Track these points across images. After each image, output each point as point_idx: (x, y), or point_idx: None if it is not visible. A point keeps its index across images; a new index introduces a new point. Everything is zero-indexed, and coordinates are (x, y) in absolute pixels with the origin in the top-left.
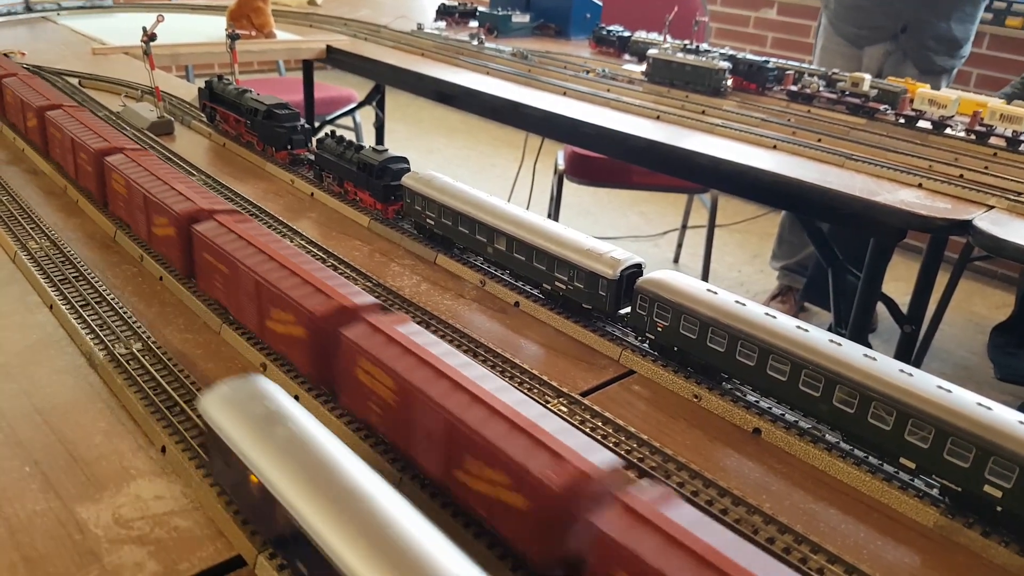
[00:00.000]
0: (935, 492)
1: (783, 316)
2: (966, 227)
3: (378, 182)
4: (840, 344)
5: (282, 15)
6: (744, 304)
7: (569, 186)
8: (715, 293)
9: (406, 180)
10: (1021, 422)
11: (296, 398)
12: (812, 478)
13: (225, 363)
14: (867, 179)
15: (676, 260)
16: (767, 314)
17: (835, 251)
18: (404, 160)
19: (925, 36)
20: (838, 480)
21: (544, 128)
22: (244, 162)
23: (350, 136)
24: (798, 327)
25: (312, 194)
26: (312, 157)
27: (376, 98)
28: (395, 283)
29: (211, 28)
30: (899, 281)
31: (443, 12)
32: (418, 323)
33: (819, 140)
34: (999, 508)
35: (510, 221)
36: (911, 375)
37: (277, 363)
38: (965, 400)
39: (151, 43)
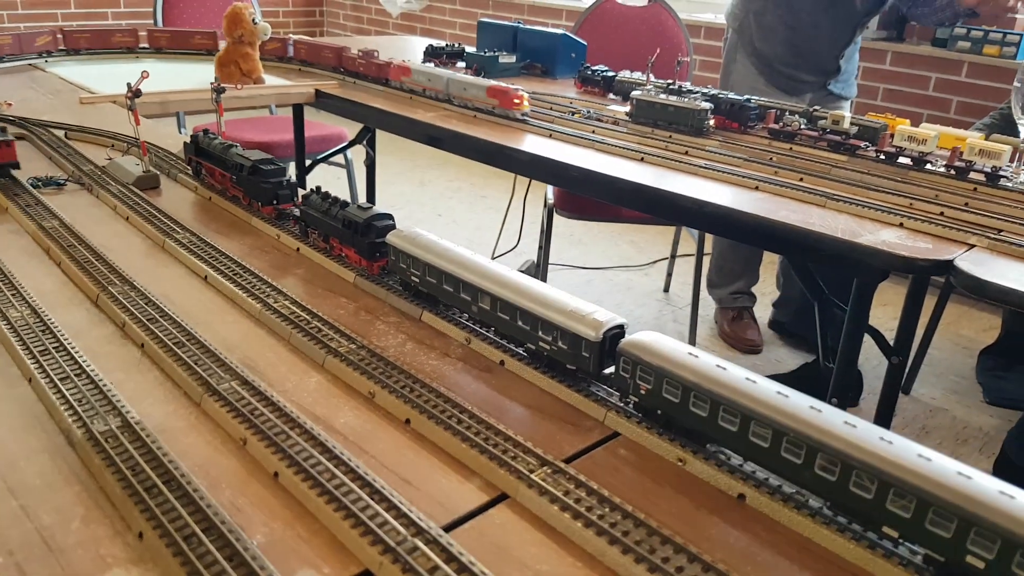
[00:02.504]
0: (919, 559)
1: (763, 380)
2: (947, 267)
3: (363, 239)
4: (820, 411)
5: (270, 63)
6: (725, 368)
7: (560, 217)
8: (696, 356)
9: (391, 238)
10: (1002, 492)
11: None
12: (797, 546)
13: (206, 437)
14: (849, 219)
15: (666, 289)
16: (748, 379)
17: (821, 285)
18: (389, 217)
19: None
20: (823, 548)
21: (531, 170)
22: (230, 217)
23: (341, 173)
24: (778, 392)
25: (298, 249)
26: (297, 212)
27: (367, 136)
28: (380, 343)
29: (201, 74)
30: (887, 306)
31: (431, 54)
32: (402, 388)
33: (801, 179)
34: None
35: (494, 280)
36: (891, 443)
37: (257, 436)
38: (946, 469)
39: (135, 99)
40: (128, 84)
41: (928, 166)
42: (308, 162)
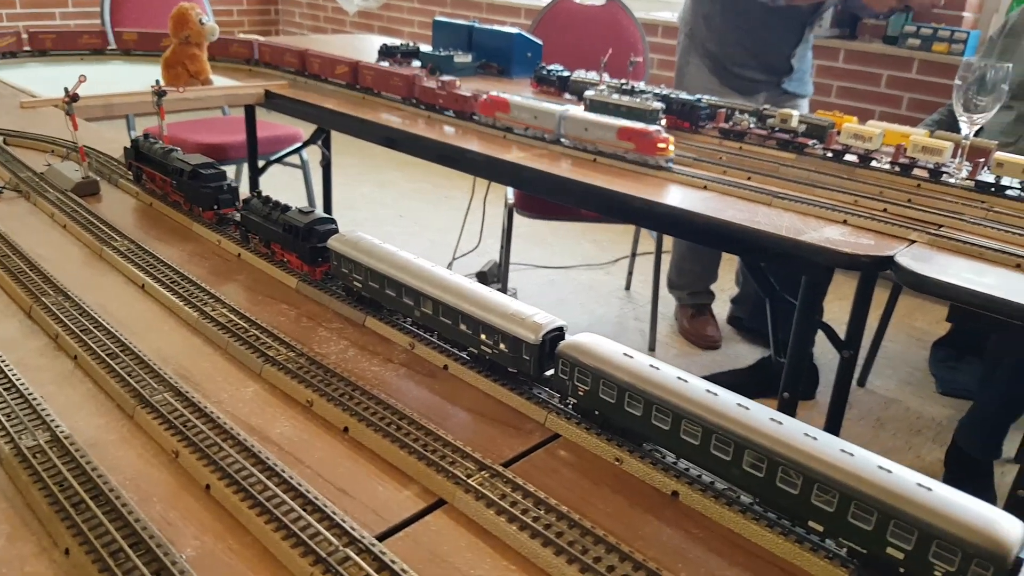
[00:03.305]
0: (844, 552)
1: (695, 379)
2: (889, 263)
3: (304, 244)
4: (748, 408)
5: (220, 63)
6: (658, 368)
7: (524, 217)
8: (631, 357)
9: (332, 242)
10: (919, 484)
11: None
12: (728, 542)
13: (137, 450)
14: (794, 217)
15: (628, 287)
16: (679, 378)
17: (773, 282)
18: (331, 221)
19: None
20: (752, 543)
21: (488, 172)
22: (171, 223)
23: (298, 174)
24: (708, 391)
25: (239, 255)
26: (239, 217)
27: (321, 137)
28: (321, 350)
29: (150, 76)
30: (843, 300)
31: (385, 53)
32: (341, 396)
33: (748, 178)
34: (902, 570)
35: (436, 285)
36: (816, 439)
37: (189, 449)
38: (867, 463)
39: (73, 103)
40: (65, 88)
41: (874, 163)
42: (261, 163)
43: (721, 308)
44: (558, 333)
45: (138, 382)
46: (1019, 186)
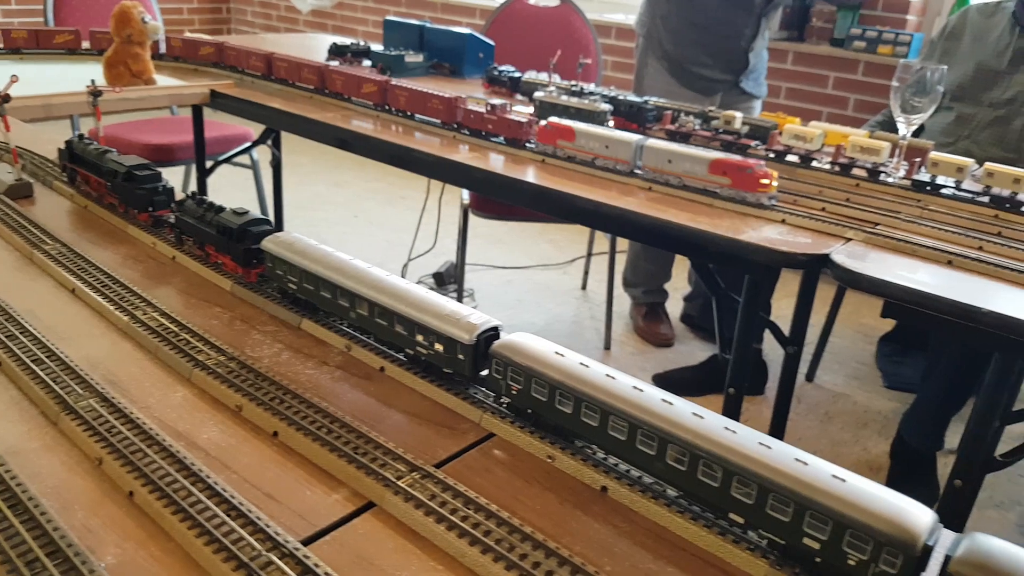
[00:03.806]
0: (765, 544)
1: (622, 376)
2: (825, 261)
3: (238, 245)
4: (672, 403)
5: (163, 62)
6: (588, 366)
7: (482, 218)
8: (562, 356)
9: (266, 244)
10: (834, 476)
11: None
12: (654, 535)
13: (60, 457)
14: (735, 217)
15: (584, 287)
16: (608, 375)
17: (718, 281)
18: (266, 222)
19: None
20: (678, 536)
21: (438, 172)
22: (105, 225)
23: (244, 174)
24: (634, 387)
25: (174, 258)
26: (173, 219)
27: (271, 136)
28: (254, 353)
29: (95, 75)
30: (792, 297)
31: (335, 52)
32: (271, 400)
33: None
34: (818, 560)
35: (371, 286)
36: (735, 432)
37: (113, 456)
38: (784, 456)
39: (4, 104)
40: None
41: (814, 163)
42: (209, 164)
43: (675, 306)
44: (493, 333)
45: (63, 388)
46: (954, 185)
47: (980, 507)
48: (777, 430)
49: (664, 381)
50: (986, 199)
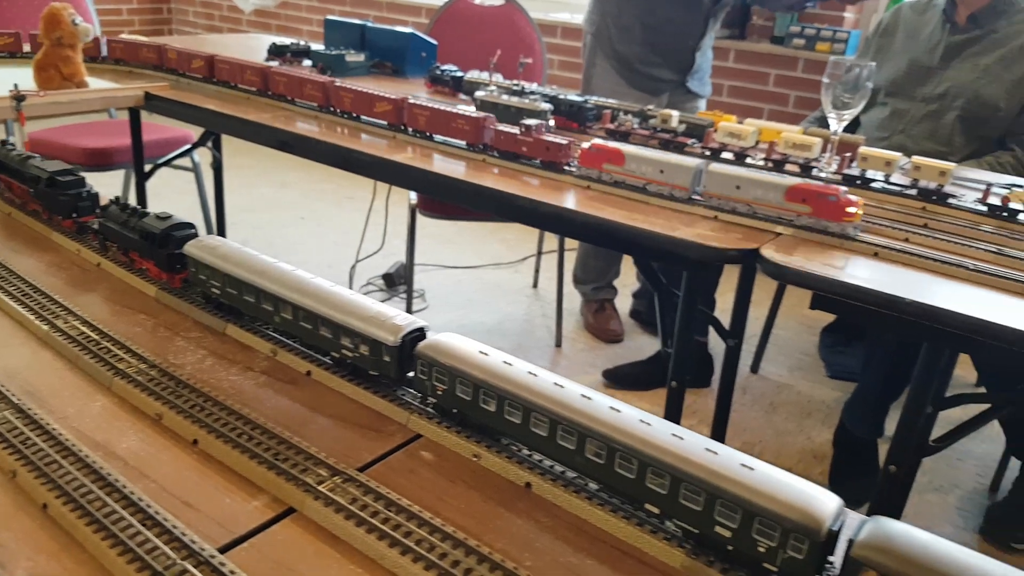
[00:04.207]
0: (681, 534)
1: (544, 373)
2: (754, 256)
3: (161, 251)
4: (590, 398)
5: (105, 65)
6: (511, 364)
7: (432, 219)
8: (486, 355)
9: (189, 248)
10: (743, 464)
11: None
12: (576, 529)
13: None
14: (670, 214)
15: (535, 285)
16: (530, 372)
17: (660, 277)
18: (190, 226)
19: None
20: (598, 528)
21: (378, 172)
22: (29, 232)
23: (187, 177)
24: (555, 384)
25: (99, 264)
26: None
27: (210, 138)
28: (177, 360)
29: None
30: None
31: (275, 52)
32: (192, 408)
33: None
34: (730, 548)
35: (295, 289)
36: (650, 424)
37: (27, 468)
38: (695, 446)
39: None
40: None
41: (748, 160)
42: (148, 167)
43: (624, 303)
44: (419, 334)
45: None
46: (883, 178)
47: (921, 491)
48: (720, 421)
49: (614, 376)
50: (914, 192)
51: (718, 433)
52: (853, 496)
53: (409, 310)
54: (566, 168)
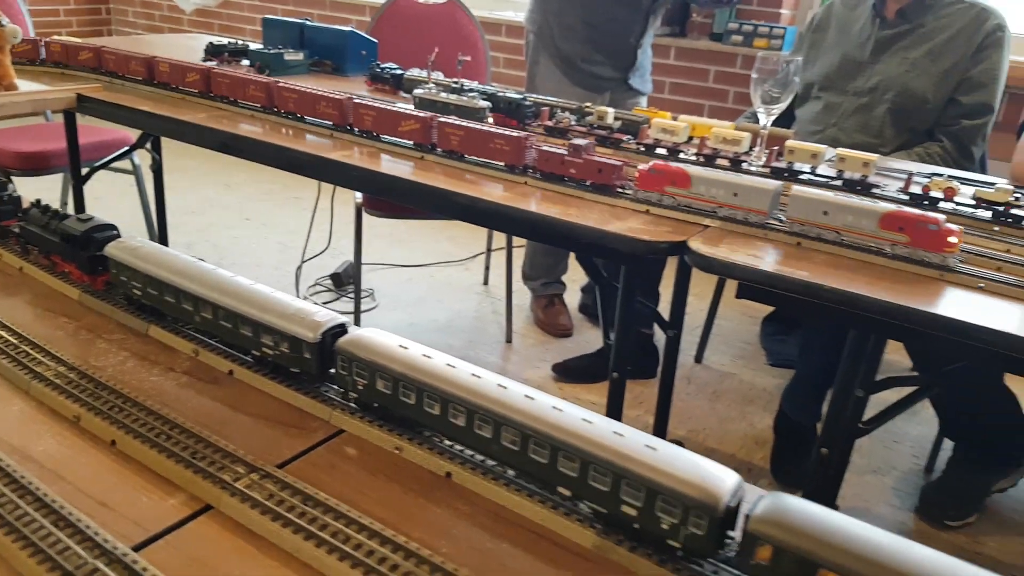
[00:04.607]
0: (591, 514)
1: (463, 365)
2: (683, 248)
3: (83, 253)
4: (506, 387)
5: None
6: (430, 357)
7: (381, 218)
8: (405, 348)
9: (110, 250)
10: (647, 446)
11: None
12: (493, 515)
13: None
14: (604, 209)
15: (486, 282)
16: (448, 364)
17: (600, 271)
18: (111, 227)
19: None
20: (515, 513)
21: (316, 171)
22: None
23: (129, 180)
24: (473, 375)
25: (21, 268)
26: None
27: (148, 140)
28: (98, 362)
29: None
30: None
31: (212, 52)
32: (110, 409)
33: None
34: (636, 526)
35: (215, 288)
36: (561, 410)
37: None
38: (603, 430)
39: None
40: None
41: (681, 155)
42: (85, 171)
43: (573, 298)
44: (339, 330)
45: None
46: (809, 170)
47: (860, 473)
48: (662, 410)
49: (562, 370)
50: (839, 183)
51: (661, 422)
52: (794, 479)
53: (357, 310)
54: (620, 191)
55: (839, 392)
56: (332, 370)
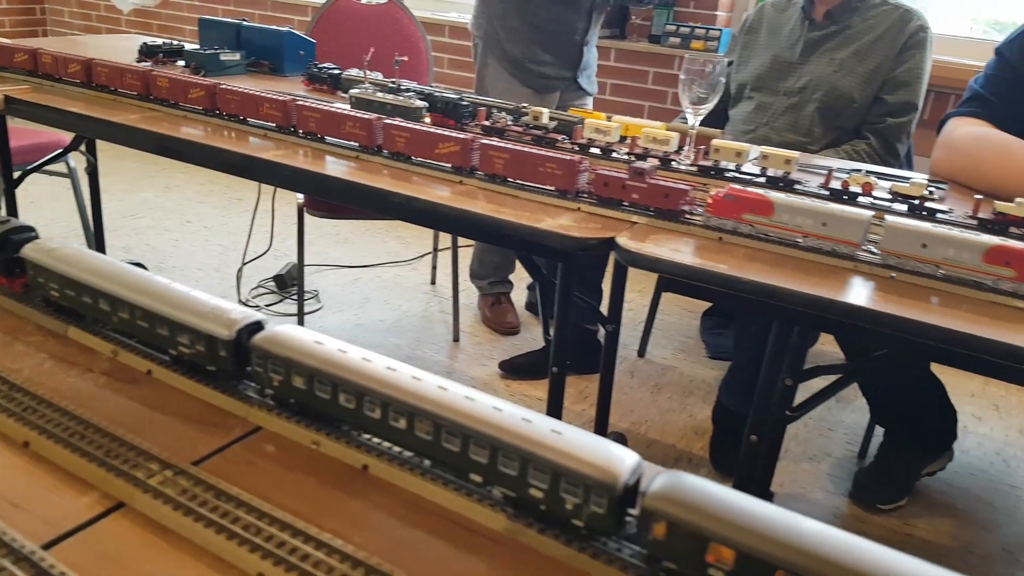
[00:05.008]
0: (502, 499)
1: (378, 358)
2: (612, 244)
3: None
4: (420, 379)
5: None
6: (345, 352)
7: (327, 219)
8: (321, 344)
9: (26, 252)
10: (553, 430)
11: None
12: (409, 504)
13: None
14: (537, 207)
15: (433, 282)
16: (364, 359)
17: (540, 268)
18: (29, 229)
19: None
20: (430, 502)
21: (250, 171)
22: None
23: (66, 184)
24: (388, 367)
25: None
26: None
27: (83, 142)
28: (15, 365)
29: None
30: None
31: (146, 52)
32: (24, 411)
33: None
34: (543, 508)
35: (132, 288)
36: (473, 400)
37: None
38: (512, 416)
39: None
40: None
41: (614, 155)
42: (17, 174)
43: (520, 296)
44: (256, 327)
45: None
46: (734, 168)
47: (796, 460)
48: (603, 403)
49: (509, 367)
50: (763, 180)
51: (602, 415)
52: (732, 467)
53: (301, 312)
54: (687, 218)
55: (764, 381)
56: (249, 368)
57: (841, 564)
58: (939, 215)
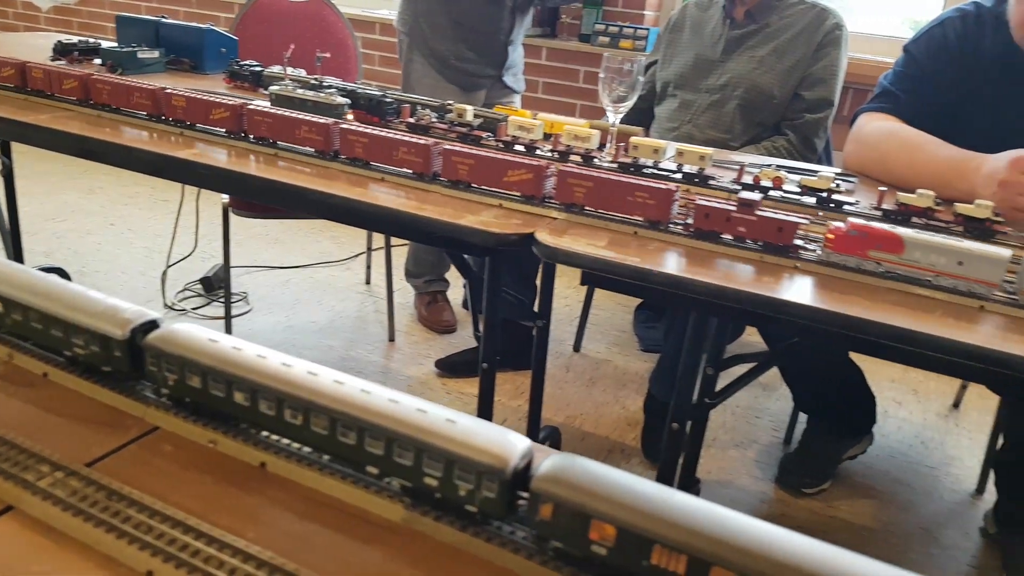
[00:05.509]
0: (399, 489)
1: (273, 354)
2: (531, 240)
3: None
4: (316, 374)
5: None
6: (240, 349)
7: (258, 219)
8: (215, 342)
9: None
10: (448, 419)
11: None
12: (307, 499)
13: None
14: (459, 203)
15: (368, 281)
16: (259, 355)
17: (469, 265)
18: None
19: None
20: (327, 496)
21: (166, 172)
22: None
23: None
24: (283, 363)
25: None
26: None
27: None
28: None
29: None
30: (562, 277)
31: (60, 51)
32: None
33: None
34: (438, 495)
35: (24, 289)
36: (369, 392)
37: None
38: (407, 408)
39: None
40: None
41: (538, 151)
42: None
43: (456, 294)
44: (150, 326)
45: None
46: (651, 164)
47: (724, 448)
48: (536, 398)
49: (445, 365)
50: (679, 176)
51: (535, 408)
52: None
53: (228, 314)
54: (800, 252)
55: (683, 371)
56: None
57: (711, 535)
58: (845, 207)
